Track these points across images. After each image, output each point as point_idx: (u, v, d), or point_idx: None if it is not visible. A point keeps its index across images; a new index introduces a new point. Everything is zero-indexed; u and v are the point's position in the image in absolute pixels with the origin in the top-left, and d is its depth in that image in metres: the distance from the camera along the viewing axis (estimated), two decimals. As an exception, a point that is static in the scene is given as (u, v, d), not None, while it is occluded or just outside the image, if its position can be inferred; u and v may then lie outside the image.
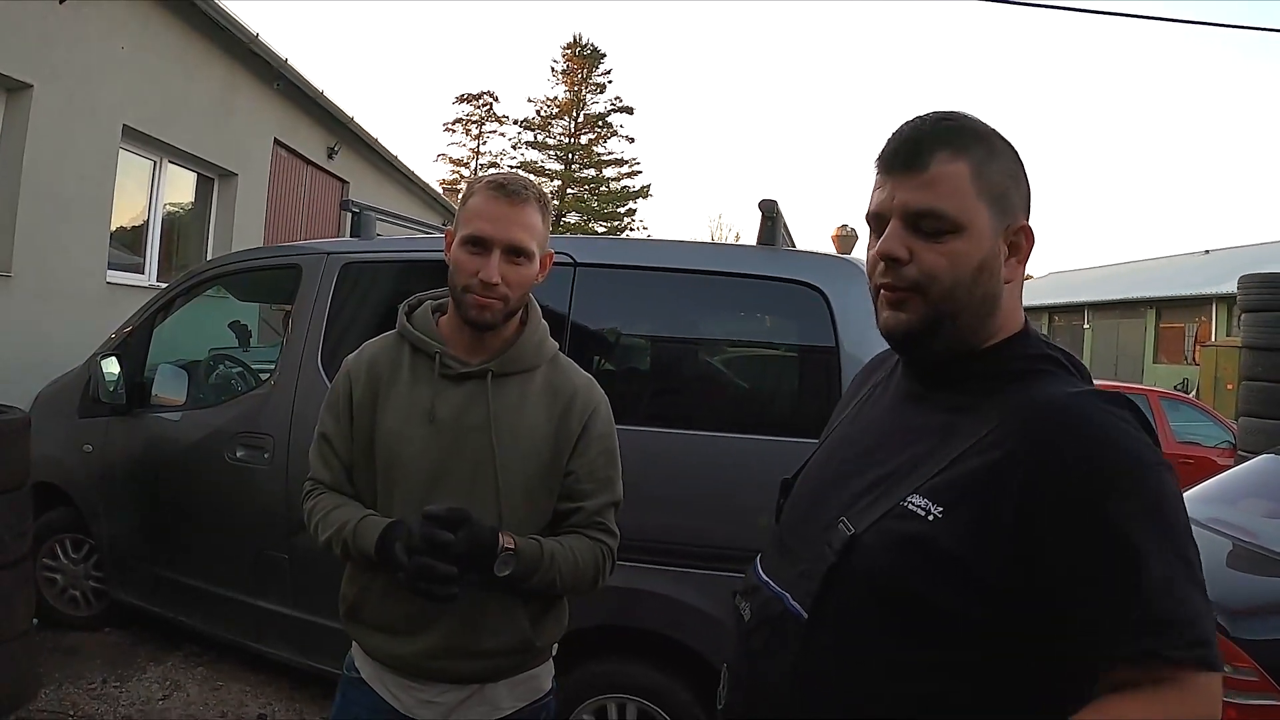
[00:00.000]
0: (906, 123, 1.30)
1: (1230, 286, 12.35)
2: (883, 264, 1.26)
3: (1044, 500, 1.11)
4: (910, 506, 1.19)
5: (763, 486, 3.04)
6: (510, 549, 1.78)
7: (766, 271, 3.43)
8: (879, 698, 1.16)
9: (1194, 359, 23.65)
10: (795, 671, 1.21)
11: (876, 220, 1.29)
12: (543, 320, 2.04)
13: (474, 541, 1.72)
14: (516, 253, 1.86)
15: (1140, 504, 1.09)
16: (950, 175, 1.23)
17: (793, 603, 1.25)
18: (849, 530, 1.23)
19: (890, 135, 1.29)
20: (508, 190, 1.87)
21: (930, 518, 1.17)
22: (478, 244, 1.85)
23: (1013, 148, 1.31)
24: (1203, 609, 1.07)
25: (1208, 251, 32.35)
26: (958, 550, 1.13)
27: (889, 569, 1.17)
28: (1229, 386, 14.38)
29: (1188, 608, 1.06)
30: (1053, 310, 32.99)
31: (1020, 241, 1.28)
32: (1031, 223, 1.31)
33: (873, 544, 1.20)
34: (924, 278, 1.24)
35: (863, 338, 3.20)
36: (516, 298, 1.89)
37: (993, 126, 1.30)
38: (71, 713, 3.96)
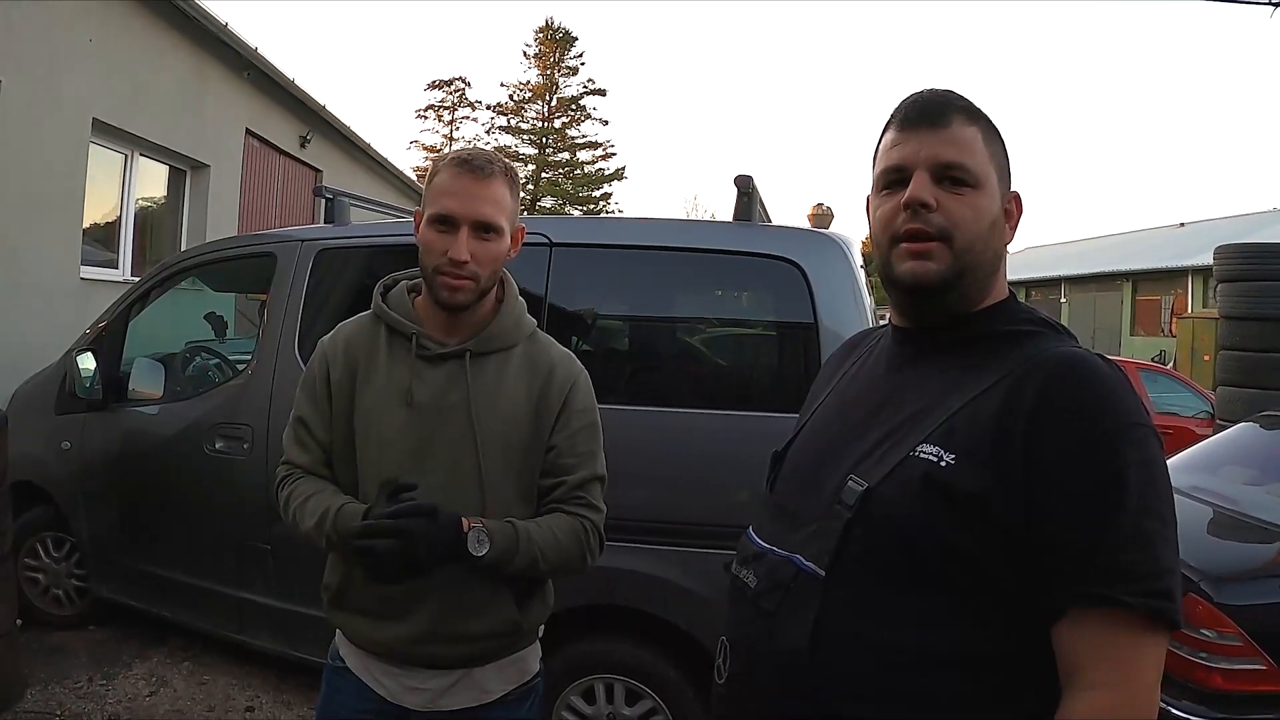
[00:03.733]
0: (920, 91, 1.38)
1: (1205, 259, 12.42)
2: (907, 212, 1.30)
3: (1046, 445, 1.15)
4: (922, 455, 1.22)
5: (743, 463, 3.06)
6: (480, 527, 1.75)
7: (744, 247, 3.42)
8: (901, 649, 1.17)
9: (1170, 331, 23.83)
10: (816, 628, 1.21)
11: (895, 173, 1.34)
12: (520, 297, 2.01)
13: (433, 531, 1.68)
14: (485, 229, 1.83)
15: (1134, 458, 1.13)
16: (970, 136, 1.32)
17: (806, 563, 1.26)
18: (861, 485, 1.25)
19: (904, 101, 1.37)
20: (473, 166, 1.84)
21: (943, 464, 1.20)
22: (445, 222, 1.82)
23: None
24: (1170, 566, 1.12)
25: (1183, 224, 32.59)
26: (975, 490, 1.16)
27: (909, 515, 1.19)
28: (1205, 358, 14.47)
29: (1153, 562, 1.10)
30: (1029, 285, 33.07)
31: (1012, 209, 1.38)
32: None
33: (889, 495, 1.22)
34: (950, 225, 1.29)
35: (841, 312, 3.21)
36: (488, 275, 1.86)
37: None
38: (58, 712, 3.94)
